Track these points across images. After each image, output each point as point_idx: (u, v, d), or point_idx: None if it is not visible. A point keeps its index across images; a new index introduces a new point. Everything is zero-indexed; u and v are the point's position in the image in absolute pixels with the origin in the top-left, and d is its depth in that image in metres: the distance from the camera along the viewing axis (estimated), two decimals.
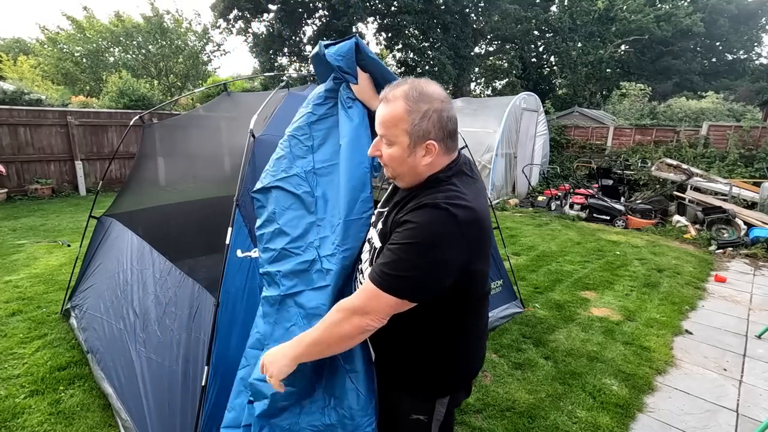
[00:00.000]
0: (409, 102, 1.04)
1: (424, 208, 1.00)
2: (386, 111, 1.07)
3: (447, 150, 1.09)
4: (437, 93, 1.07)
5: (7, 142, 8.11)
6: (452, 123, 1.08)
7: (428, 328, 1.13)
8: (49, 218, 6.81)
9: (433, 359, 1.16)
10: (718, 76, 22.90)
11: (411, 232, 0.99)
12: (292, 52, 15.65)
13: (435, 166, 1.09)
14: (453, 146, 1.11)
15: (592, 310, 3.96)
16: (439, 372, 1.17)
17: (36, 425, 2.27)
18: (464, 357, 1.19)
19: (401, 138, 1.06)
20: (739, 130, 8.76)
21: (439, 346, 1.15)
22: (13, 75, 15.21)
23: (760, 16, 22.93)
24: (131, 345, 2.32)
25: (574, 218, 7.81)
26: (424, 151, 1.06)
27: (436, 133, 1.05)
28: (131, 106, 10.44)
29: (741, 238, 6.15)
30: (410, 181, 1.12)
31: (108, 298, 2.77)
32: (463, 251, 1.00)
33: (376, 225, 1.20)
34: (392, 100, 1.06)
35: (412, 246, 0.98)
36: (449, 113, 1.07)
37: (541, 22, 18.03)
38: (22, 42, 24.35)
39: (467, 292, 1.11)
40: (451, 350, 1.16)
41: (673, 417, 2.52)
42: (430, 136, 1.05)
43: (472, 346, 1.20)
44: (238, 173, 1.94)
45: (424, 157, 1.07)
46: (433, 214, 0.98)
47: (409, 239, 0.99)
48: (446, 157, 1.10)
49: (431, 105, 1.04)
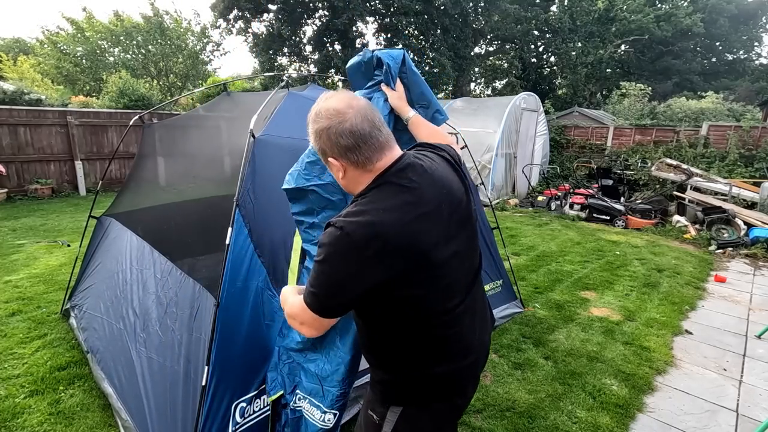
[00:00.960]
0: (310, 125, 1.08)
1: (327, 227, 1.00)
2: None
3: (357, 164, 1.04)
4: (327, 110, 1.04)
5: (7, 142, 8.11)
6: (345, 138, 1.01)
7: (377, 334, 1.14)
8: (49, 218, 6.81)
9: (382, 365, 1.17)
10: (718, 76, 22.91)
11: (318, 250, 1.00)
12: (292, 52, 15.64)
13: (358, 183, 1.07)
14: (362, 159, 1.03)
15: (592, 310, 3.97)
16: (386, 379, 1.16)
17: (36, 425, 2.27)
18: (408, 375, 1.13)
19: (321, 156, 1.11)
20: (739, 130, 8.76)
21: (385, 353, 1.16)
22: (13, 75, 15.20)
23: (760, 16, 22.95)
24: (131, 345, 2.32)
25: (574, 218, 7.81)
26: (334, 169, 1.08)
27: (332, 151, 1.05)
28: (131, 106, 10.44)
29: (741, 238, 6.15)
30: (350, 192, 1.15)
31: (108, 297, 2.77)
32: (367, 273, 0.96)
33: None
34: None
35: (316, 264, 1.00)
36: (339, 128, 1.01)
37: (541, 22, 18.03)
38: (22, 42, 24.36)
39: (401, 311, 1.05)
40: (396, 362, 1.14)
41: (673, 417, 2.52)
42: (327, 155, 1.07)
43: (421, 367, 1.12)
44: (238, 173, 1.94)
45: (337, 173, 1.09)
46: (329, 234, 0.97)
47: (316, 257, 1.00)
48: (366, 173, 1.05)
49: (320, 125, 1.04)
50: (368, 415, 1.20)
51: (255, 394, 1.86)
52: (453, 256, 1.07)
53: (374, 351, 1.18)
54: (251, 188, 1.96)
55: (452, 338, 1.13)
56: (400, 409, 1.14)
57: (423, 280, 1.01)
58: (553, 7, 20.05)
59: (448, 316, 1.10)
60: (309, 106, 1.12)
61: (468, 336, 1.17)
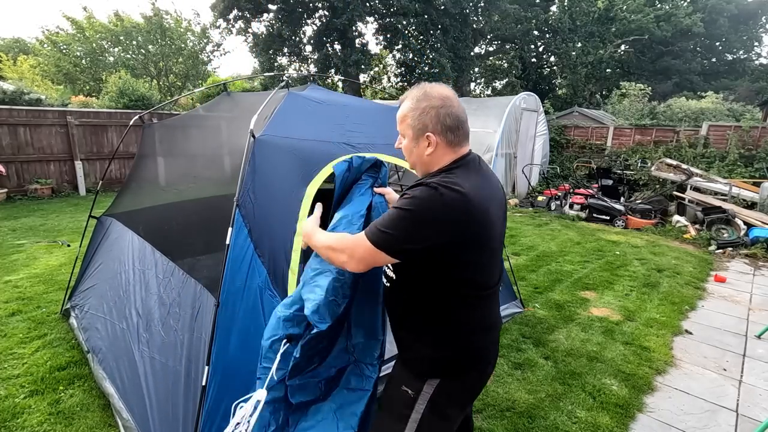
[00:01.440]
0: (412, 101, 1.24)
1: (420, 186, 1.16)
2: (399, 110, 1.29)
3: (449, 143, 1.23)
4: (439, 93, 1.23)
5: (7, 142, 8.10)
6: (451, 119, 1.22)
7: (420, 310, 1.25)
8: (49, 218, 6.81)
9: (423, 340, 1.26)
10: (718, 76, 22.91)
11: (403, 201, 1.15)
12: (292, 52, 15.64)
13: (441, 160, 1.24)
14: (456, 140, 1.24)
15: (591, 310, 3.97)
16: (426, 354, 1.25)
17: (36, 425, 2.27)
18: (452, 346, 1.24)
19: (407, 131, 1.27)
20: (739, 130, 8.76)
21: (427, 328, 1.25)
22: (13, 75, 15.21)
23: (760, 16, 22.96)
24: (134, 345, 2.32)
25: (573, 218, 7.82)
26: (426, 143, 1.23)
27: (434, 127, 1.21)
28: (131, 105, 10.44)
29: (741, 238, 6.16)
30: (421, 171, 1.30)
31: (110, 298, 2.77)
32: (443, 230, 1.11)
33: None
34: (402, 101, 1.28)
35: (400, 211, 1.13)
36: (448, 110, 1.22)
37: (541, 22, 18.04)
38: (22, 42, 24.35)
39: (456, 280, 1.19)
40: (439, 336, 1.24)
41: (673, 417, 2.52)
42: (428, 129, 1.22)
43: (463, 338, 1.24)
44: (239, 173, 1.94)
45: (427, 147, 1.23)
46: (424, 190, 1.13)
47: (400, 206, 1.14)
48: (451, 152, 1.24)
49: (430, 103, 1.21)
50: (402, 392, 1.27)
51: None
52: (500, 239, 1.29)
53: (419, 326, 1.27)
54: (251, 188, 1.96)
55: (489, 312, 1.30)
56: (437, 382, 1.24)
57: (484, 251, 1.20)
58: (553, 7, 20.04)
59: (490, 290, 1.27)
60: (309, 106, 1.13)
61: (497, 312, 1.36)
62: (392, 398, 1.32)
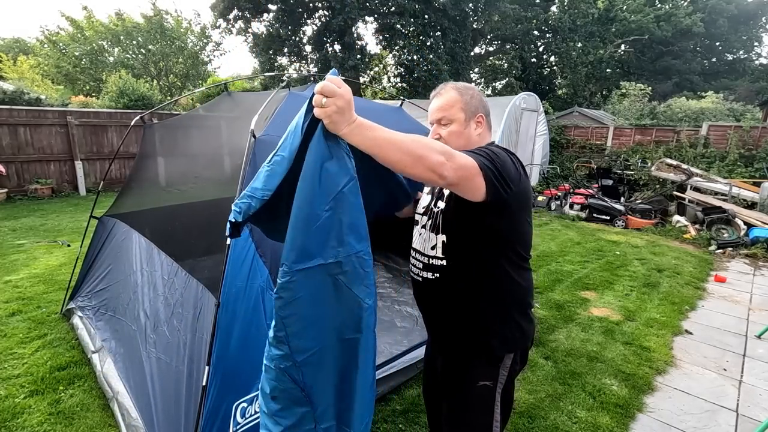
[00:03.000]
0: (459, 89, 1.38)
1: (482, 148, 1.24)
2: (442, 99, 1.37)
3: (489, 126, 1.41)
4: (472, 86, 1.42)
5: (7, 142, 8.10)
6: (487, 105, 1.42)
7: (481, 288, 1.30)
8: (49, 218, 6.81)
9: (489, 318, 1.32)
10: (718, 76, 22.91)
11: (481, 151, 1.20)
12: (292, 52, 15.64)
13: (484, 140, 1.38)
14: (489, 123, 1.42)
15: (591, 310, 3.97)
16: (496, 330, 1.32)
17: (36, 425, 2.27)
18: (517, 313, 1.34)
19: (458, 115, 1.35)
20: (739, 130, 8.75)
21: (492, 304, 1.32)
22: (13, 75, 15.19)
23: (760, 16, 22.96)
24: (142, 346, 2.33)
25: (574, 218, 7.81)
26: (476, 124, 1.37)
27: (482, 109, 1.38)
28: (131, 106, 10.43)
29: (741, 238, 6.16)
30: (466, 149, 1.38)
31: (122, 299, 2.77)
32: (520, 179, 1.22)
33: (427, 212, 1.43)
34: (444, 92, 1.38)
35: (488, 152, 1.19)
36: (483, 98, 1.41)
37: (540, 22, 18.04)
38: (22, 42, 24.32)
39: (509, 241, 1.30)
40: (503, 307, 1.33)
41: (673, 417, 2.52)
42: (479, 111, 1.37)
43: (525, 305, 1.37)
44: (239, 173, 1.94)
45: (476, 128, 1.37)
46: (492, 148, 1.23)
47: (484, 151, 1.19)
48: (489, 135, 1.41)
49: (473, 90, 1.39)
50: (481, 387, 1.33)
51: (256, 394, 1.86)
52: None
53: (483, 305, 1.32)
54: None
55: (529, 288, 1.40)
56: (510, 360, 1.35)
57: (529, 213, 1.34)
58: (553, 7, 20.04)
59: (529, 259, 1.38)
60: None
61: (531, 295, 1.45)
62: (471, 396, 1.35)
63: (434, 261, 1.32)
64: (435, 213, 1.35)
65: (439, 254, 1.31)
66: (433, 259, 1.32)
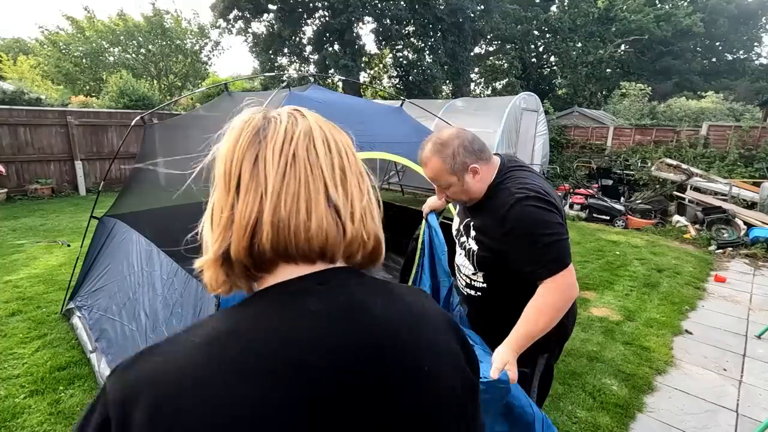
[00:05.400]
0: (440, 154, 1.35)
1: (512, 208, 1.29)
2: (429, 170, 1.40)
3: (487, 161, 1.38)
4: (448, 134, 1.36)
5: (7, 142, 8.09)
6: (475, 143, 1.36)
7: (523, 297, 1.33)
8: (49, 218, 6.81)
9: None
10: (718, 76, 22.91)
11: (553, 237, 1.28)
12: (292, 52, 15.65)
13: (488, 177, 1.39)
14: (487, 156, 1.39)
15: (592, 310, 3.97)
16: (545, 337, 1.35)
17: (36, 425, 2.27)
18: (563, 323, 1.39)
19: (450, 179, 1.37)
20: (739, 130, 8.75)
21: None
22: (13, 75, 15.19)
23: (760, 16, 22.96)
24: (142, 346, 2.32)
25: (574, 218, 7.81)
26: (472, 174, 1.36)
27: (471, 158, 1.34)
28: (131, 106, 10.42)
29: (741, 238, 6.16)
30: (477, 196, 1.43)
31: (120, 300, 2.77)
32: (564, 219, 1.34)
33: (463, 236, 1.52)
34: (427, 161, 1.38)
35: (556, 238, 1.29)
36: (465, 139, 1.35)
37: (541, 22, 18.04)
38: (22, 42, 24.31)
39: None
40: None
41: (673, 417, 2.52)
42: (468, 163, 1.34)
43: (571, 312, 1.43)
44: None
45: (474, 178, 1.37)
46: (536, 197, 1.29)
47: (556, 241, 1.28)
48: (491, 167, 1.40)
49: (452, 146, 1.34)
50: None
51: None
52: None
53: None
54: None
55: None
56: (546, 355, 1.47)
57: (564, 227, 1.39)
58: (553, 7, 20.04)
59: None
60: (311, 106, 1.11)
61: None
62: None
63: (475, 283, 1.45)
64: (471, 252, 1.46)
65: (480, 280, 1.45)
66: (474, 281, 1.45)
